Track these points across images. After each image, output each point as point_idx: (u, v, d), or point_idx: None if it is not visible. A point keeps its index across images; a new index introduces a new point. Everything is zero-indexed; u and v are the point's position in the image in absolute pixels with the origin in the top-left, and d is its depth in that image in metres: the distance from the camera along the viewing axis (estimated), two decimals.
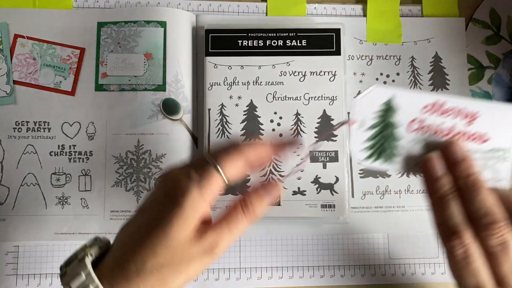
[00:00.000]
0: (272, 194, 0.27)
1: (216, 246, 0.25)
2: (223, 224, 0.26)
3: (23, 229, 0.40)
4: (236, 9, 0.44)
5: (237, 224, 0.26)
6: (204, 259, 0.25)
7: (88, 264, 0.24)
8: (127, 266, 0.24)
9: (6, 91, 0.41)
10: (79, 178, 0.41)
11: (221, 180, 0.25)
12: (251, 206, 0.26)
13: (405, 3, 0.45)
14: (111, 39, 0.42)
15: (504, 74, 0.45)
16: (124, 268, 0.24)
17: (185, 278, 0.25)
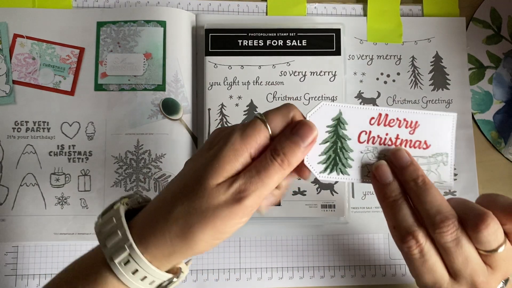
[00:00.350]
0: (306, 136, 0.25)
1: (243, 193, 0.23)
2: (253, 170, 0.24)
3: (22, 229, 0.40)
4: (236, 9, 0.44)
5: (267, 170, 0.24)
6: (231, 208, 0.23)
7: (121, 211, 0.25)
8: (157, 213, 0.24)
9: (6, 91, 0.41)
10: (78, 178, 0.41)
11: (265, 130, 0.25)
12: (283, 154, 0.24)
13: (405, 2, 0.45)
14: (111, 38, 0.42)
15: (504, 74, 0.45)
16: (154, 216, 0.24)
17: (211, 232, 0.23)
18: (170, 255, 0.24)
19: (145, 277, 0.24)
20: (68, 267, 0.26)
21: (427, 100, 0.44)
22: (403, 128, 0.27)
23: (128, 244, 0.24)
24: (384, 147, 0.27)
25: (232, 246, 0.41)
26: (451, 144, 0.27)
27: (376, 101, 0.44)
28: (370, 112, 0.27)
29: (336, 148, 0.27)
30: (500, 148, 0.45)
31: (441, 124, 0.27)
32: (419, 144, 0.27)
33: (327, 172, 0.27)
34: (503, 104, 0.45)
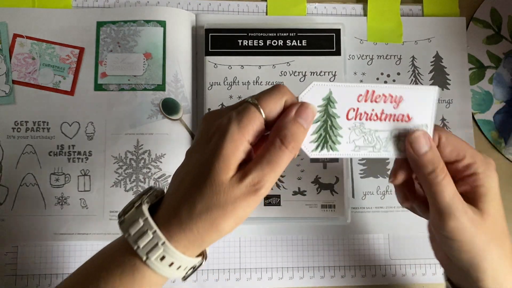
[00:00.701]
0: (308, 117, 0.26)
1: (258, 184, 0.25)
2: (263, 161, 0.25)
3: (22, 229, 0.40)
4: (236, 9, 0.44)
5: (278, 158, 0.25)
6: (249, 199, 0.25)
7: (145, 210, 0.25)
8: (180, 211, 0.25)
9: (5, 91, 0.41)
10: (78, 178, 0.41)
11: (260, 116, 0.25)
12: (290, 136, 0.25)
13: (405, 2, 0.45)
14: (111, 38, 0.42)
15: (505, 74, 0.46)
16: (177, 213, 0.25)
17: (235, 220, 0.25)
18: (200, 244, 0.26)
19: (179, 266, 0.26)
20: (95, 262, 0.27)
21: None
22: (388, 103, 0.28)
23: (162, 242, 0.25)
24: (370, 122, 0.28)
25: (232, 246, 0.41)
26: (431, 116, 0.28)
27: None
28: (358, 90, 0.28)
29: (327, 127, 0.28)
30: (500, 148, 0.45)
31: (423, 97, 0.28)
32: (402, 117, 0.28)
33: (318, 150, 0.28)
34: (503, 104, 0.45)
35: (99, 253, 0.27)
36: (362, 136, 0.28)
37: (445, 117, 0.44)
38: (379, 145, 0.28)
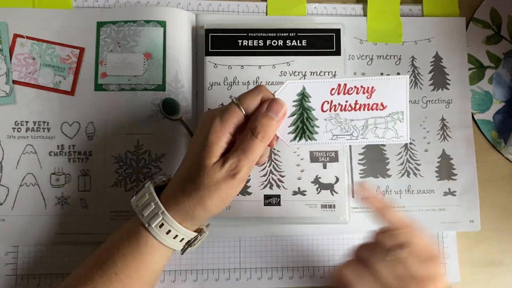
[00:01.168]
0: (278, 112, 0.31)
1: (235, 169, 0.30)
2: (239, 150, 0.30)
3: (22, 229, 0.40)
4: (236, 9, 0.44)
5: (250, 146, 0.30)
6: (228, 182, 0.30)
7: (151, 187, 0.33)
8: (176, 191, 0.32)
9: (6, 91, 0.42)
10: (78, 178, 0.41)
11: (239, 111, 0.31)
12: (260, 127, 0.30)
13: (405, 2, 0.46)
14: (111, 38, 0.42)
15: (504, 74, 0.46)
16: (174, 192, 0.32)
17: (218, 199, 0.31)
18: (193, 218, 0.32)
19: (176, 235, 0.32)
20: (110, 237, 0.34)
21: (427, 100, 0.44)
22: (360, 94, 0.30)
23: (161, 211, 0.31)
24: (345, 112, 0.31)
25: (232, 246, 0.42)
26: (405, 103, 0.30)
27: None
28: (330, 84, 0.30)
29: (303, 119, 0.31)
30: (500, 148, 0.45)
31: (395, 86, 0.30)
32: (376, 106, 0.30)
33: (297, 140, 0.31)
34: (503, 104, 0.46)
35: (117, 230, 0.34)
36: (338, 125, 0.31)
37: (444, 117, 0.44)
38: (356, 133, 0.31)
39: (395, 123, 0.31)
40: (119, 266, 0.32)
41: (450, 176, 0.43)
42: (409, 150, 0.44)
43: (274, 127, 0.31)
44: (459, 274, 0.43)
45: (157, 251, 0.32)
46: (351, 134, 0.31)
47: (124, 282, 0.32)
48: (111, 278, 0.31)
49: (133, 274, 0.32)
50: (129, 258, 0.32)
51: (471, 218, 0.43)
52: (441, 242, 0.43)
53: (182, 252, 0.33)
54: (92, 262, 0.33)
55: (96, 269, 0.32)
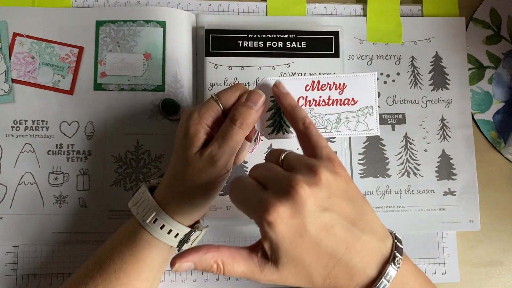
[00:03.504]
0: (257, 101, 0.33)
1: (215, 157, 0.32)
2: (218, 138, 0.33)
3: (20, 228, 0.42)
4: (236, 9, 0.46)
5: (229, 133, 0.32)
6: (209, 170, 0.32)
7: (145, 187, 0.35)
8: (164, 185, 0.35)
9: (5, 90, 0.43)
10: (77, 177, 0.43)
11: (216, 106, 0.34)
12: (239, 115, 0.33)
13: (405, 2, 0.47)
14: (110, 38, 0.44)
15: (504, 74, 0.48)
16: (164, 187, 0.35)
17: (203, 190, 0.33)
18: (183, 211, 0.34)
19: (170, 230, 0.34)
20: (110, 238, 0.36)
21: (426, 100, 0.46)
22: (333, 90, 0.34)
23: (154, 207, 0.34)
24: (319, 107, 0.34)
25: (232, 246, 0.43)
26: (374, 98, 0.34)
27: None
28: (305, 81, 0.34)
29: (280, 113, 0.34)
30: (499, 148, 0.47)
31: (364, 83, 0.33)
32: (348, 101, 0.34)
33: (274, 133, 0.34)
34: (503, 104, 0.47)
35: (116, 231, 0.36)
36: (313, 119, 0.34)
37: (444, 117, 0.46)
38: (330, 126, 0.34)
39: (366, 117, 0.34)
40: (117, 264, 0.34)
41: (450, 176, 0.45)
42: (409, 150, 0.45)
43: (253, 116, 0.33)
44: (459, 274, 0.44)
45: (153, 247, 0.34)
46: (325, 127, 0.34)
47: (122, 279, 0.33)
48: (110, 276, 0.33)
49: (131, 271, 0.34)
50: (127, 255, 0.34)
51: (471, 218, 0.45)
52: (441, 242, 0.45)
53: (179, 248, 0.35)
54: (92, 262, 0.35)
55: (96, 268, 0.34)
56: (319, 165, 0.27)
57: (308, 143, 0.30)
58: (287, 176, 0.27)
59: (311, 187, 0.26)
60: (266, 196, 0.26)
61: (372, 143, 0.45)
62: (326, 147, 0.29)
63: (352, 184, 0.28)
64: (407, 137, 0.45)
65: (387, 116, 0.46)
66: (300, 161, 0.28)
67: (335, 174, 0.27)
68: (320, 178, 0.26)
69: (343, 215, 0.27)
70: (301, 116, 0.31)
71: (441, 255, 0.44)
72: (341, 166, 0.28)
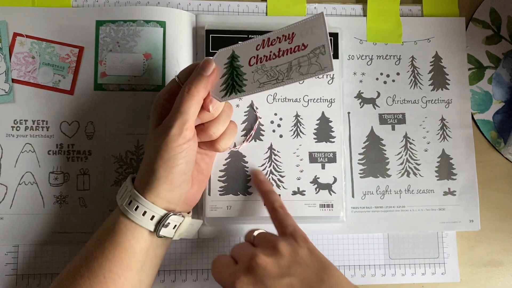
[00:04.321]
0: (206, 67, 0.35)
1: (168, 124, 0.34)
2: (172, 109, 0.35)
3: (21, 228, 0.42)
4: (236, 9, 0.46)
5: (180, 100, 0.34)
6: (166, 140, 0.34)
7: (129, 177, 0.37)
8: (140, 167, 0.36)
9: (5, 90, 0.44)
10: (77, 177, 0.43)
11: (173, 80, 0.37)
12: (189, 83, 0.35)
13: (405, 2, 0.48)
14: (110, 38, 0.44)
15: (504, 74, 0.48)
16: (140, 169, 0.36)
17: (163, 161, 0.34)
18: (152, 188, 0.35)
19: (145, 211, 0.35)
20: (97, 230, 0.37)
21: (426, 100, 0.47)
22: (283, 42, 0.34)
23: (130, 190, 0.35)
24: (269, 61, 0.35)
25: (232, 246, 0.44)
26: (325, 37, 0.33)
27: (376, 101, 0.46)
28: (256, 42, 0.35)
29: (233, 77, 0.36)
30: (499, 148, 0.47)
31: (313, 26, 0.33)
32: (298, 47, 0.34)
33: (227, 95, 0.36)
34: (503, 104, 0.48)
35: None
36: (264, 74, 0.35)
37: (444, 117, 0.47)
38: (281, 76, 0.34)
39: (318, 57, 0.34)
40: (99, 251, 0.34)
41: (450, 176, 0.46)
42: (409, 150, 0.46)
43: (204, 81, 0.34)
44: (459, 274, 0.45)
45: (131, 231, 0.35)
46: (277, 78, 0.35)
47: (105, 266, 0.34)
48: (93, 265, 0.34)
49: (111, 257, 0.34)
50: (107, 241, 0.34)
51: (470, 218, 0.45)
52: (441, 242, 0.45)
53: (157, 233, 0.35)
54: (79, 255, 0.36)
55: (82, 260, 0.35)
56: (279, 240, 0.34)
57: (277, 224, 0.37)
58: (250, 251, 0.33)
59: (270, 257, 0.32)
60: (235, 269, 0.33)
61: (372, 143, 0.46)
62: (291, 226, 0.36)
63: (316, 253, 0.34)
64: (407, 137, 0.46)
65: (387, 116, 0.46)
66: (265, 237, 0.35)
67: (295, 246, 0.33)
68: (279, 250, 0.33)
69: (305, 280, 0.31)
70: (272, 200, 0.39)
71: (441, 255, 0.45)
72: (304, 240, 0.34)
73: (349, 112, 0.46)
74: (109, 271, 0.34)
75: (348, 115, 0.46)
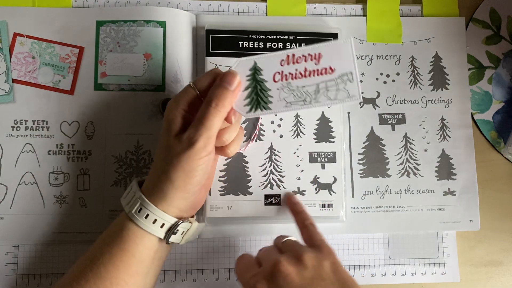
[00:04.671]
0: (231, 81, 0.34)
1: (193, 139, 0.33)
2: (196, 121, 0.34)
3: (21, 228, 0.42)
4: (236, 9, 0.47)
5: (206, 115, 0.34)
6: (188, 152, 0.33)
7: (134, 181, 0.37)
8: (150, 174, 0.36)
9: (5, 90, 0.44)
10: (77, 177, 0.43)
11: (191, 90, 0.35)
12: (213, 96, 0.34)
13: (405, 2, 0.48)
14: (110, 38, 0.45)
15: (504, 74, 0.48)
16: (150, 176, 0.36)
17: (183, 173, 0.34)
18: (166, 197, 0.34)
19: (155, 219, 0.34)
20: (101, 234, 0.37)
21: (426, 100, 0.47)
22: (309, 61, 0.33)
23: (139, 196, 0.35)
24: (296, 80, 0.34)
25: (232, 245, 0.44)
26: (353, 63, 0.33)
27: (376, 101, 0.47)
28: (279, 56, 0.34)
29: (257, 91, 0.35)
30: (499, 148, 0.48)
31: (341, 50, 0.33)
32: (325, 70, 0.34)
33: (253, 111, 0.35)
34: (503, 104, 0.48)
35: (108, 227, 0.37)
36: (291, 93, 0.34)
37: (444, 117, 0.47)
38: (309, 98, 0.34)
39: (346, 84, 0.34)
40: (106, 257, 0.34)
41: (450, 176, 0.46)
42: (409, 150, 0.46)
43: (229, 96, 0.34)
44: (459, 274, 0.45)
45: (139, 238, 0.35)
46: (304, 99, 0.34)
47: (112, 273, 0.34)
48: (100, 271, 0.34)
49: (119, 264, 0.34)
50: (115, 248, 0.34)
51: (470, 218, 0.45)
52: (441, 242, 0.45)
53: (166, 240, 0.35)
54: (83, 258, 0.36)
55: (87, 263, 0.35)
56: (305, 250, 0.33)
57: (307, 237, 0.37)
58: (274, 256, 0.33)
59: (293, 266, 0.32)
60: (257, 272, 0.33)
61: (372, 143, 0.46)
62: (320, 240, 0.35)
63: (340, 269, 0.33)
64: (407, 137, 0.46)
65: (387, 116, 0.46)
66: (292, 246, 0.35)
67: (321, 260, 0.33)
68: (304, 261, 0.32)
69: None
70: (303, 218, 0.38)
71: (441, 255, 0.45)
72: (330, 253, 0.34)
73: (349, 112, 0.46)
74: (116, 277, 0.34)
75: (348, 115, 0.46)
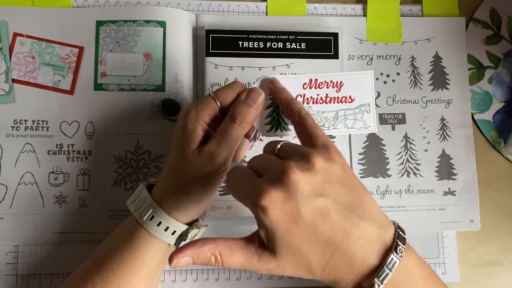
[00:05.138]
0: (256, 98, 0.33)
1: (214, 154, 0.33)
2: (218, 135, 0.33)
3: (21, 228, 0.42)
4: (236, 9, 0.47)
5: (229, 131, 0.33)
6: (208, 166, 0.33)
7: (143, 185, 0.36)
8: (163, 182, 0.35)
9: (5, 90, 0.44)
10: (77, 177, 0.43)
11: (214, 103, 0.34)
12: (238, 113, 0.33)
13: (405, 2, 0.48)
14: (110, 38, 0.45)
15: (504, 74, 0.48)
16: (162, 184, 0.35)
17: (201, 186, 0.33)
18: (179, 207, 0.34)
19: (167, 227, 0.34)
20: (107, 238, 0.36)
21: (426, 100, 0.47)
22: (330, 88, 0.35)
23: (151, 204, 0.34)
24: (316, 105, 0.35)
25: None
26: (371, 96, 0.35)
27: (376, 101, 0.47)
28: (302, 79, 0.35)
29: (278, 111, 0.35)
30: (499, 148, 0.48)
31: (361, 80, 0.35)
32: (345, 99, 0.35)
33: (273, 131, 0.35)
34: (503, 104, 0.48)
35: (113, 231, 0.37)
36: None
37: (444, 117, 0.47)
38: (328, 124, 0.35)
39: (363, 115, 0.35)
40: (115, 262, 0.34)
41: (450, 176, 0.46)
42: (409, 150, 0.46)
43: (253, 113, 0.33)
44: (459, 274, 0.45)
45: (150, 245, 0.35)
46: (323, 125, 0.35)
47: (121, 278, 0.34)
48: (109, 275, 0.34)
49: (129, 269, 0.34)
50: (124, 253, 0.34)
51: (471, 218, 0.45)
52: (441, 242, 0.45)
53: (176, 246, 0.36)
54: (90, 262, 0.36)
55: (94, 268, 0.35)
56: (313, 152, 0.28)
57: (305, 134, 0.31)
58: (280, 163, 0.27)
59: (304, 172, 0.26)
60: (259, 182, 0.27)
61: (372, 143, 0.46)
62: (322, 136, 0.30)
63: (349, 171, 0.29)
64: (407, 137, 0.46)
65: (387, 116, 0.46)
66: (294, 149, 0.29)
67: (330, 161, 0.28)
68: (314, 165, 0.27)
69: (339, 201, 0.27)
70: (297, 108, 0.33)
71: (441, 255, 0.45)
72: (337, 153, 0.29)
73: None
74: (126, 282, 0.34)
75: None
